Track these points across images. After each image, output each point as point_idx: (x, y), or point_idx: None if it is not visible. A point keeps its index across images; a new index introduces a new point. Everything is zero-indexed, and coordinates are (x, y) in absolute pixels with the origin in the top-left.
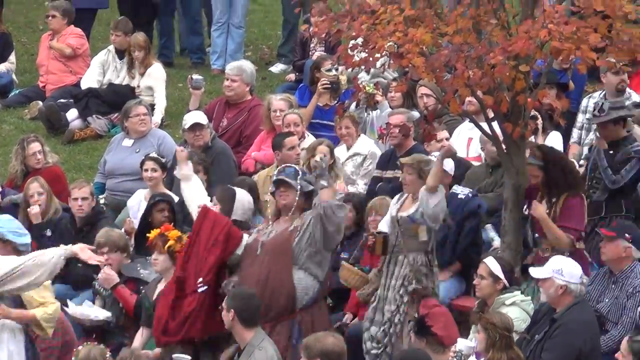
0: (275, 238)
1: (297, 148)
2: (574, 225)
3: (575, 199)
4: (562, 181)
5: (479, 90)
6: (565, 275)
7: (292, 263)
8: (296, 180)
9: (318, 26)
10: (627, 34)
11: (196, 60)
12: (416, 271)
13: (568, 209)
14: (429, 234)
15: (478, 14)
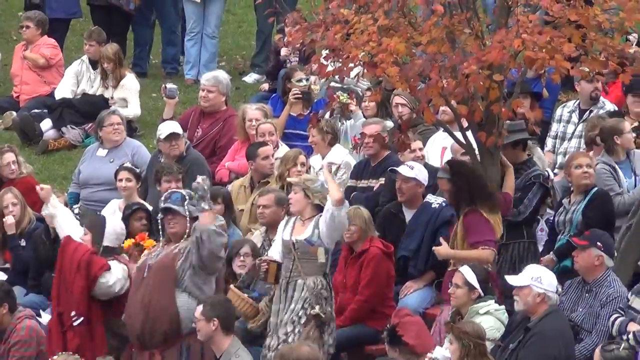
0: (160, 260)
1: (271, 158)
2: (486, 237)
3: (475, 214)
4: (467, 195)
5: (453, 100)
6: (544, 283)
7: (176, 286)
8: (183, 207)
9: (292, 36)
10: (601, 43)
11: (170, 70)
12: (317, 295)
13: (470, 226)
14: (326, 255)
15: (452, 23)
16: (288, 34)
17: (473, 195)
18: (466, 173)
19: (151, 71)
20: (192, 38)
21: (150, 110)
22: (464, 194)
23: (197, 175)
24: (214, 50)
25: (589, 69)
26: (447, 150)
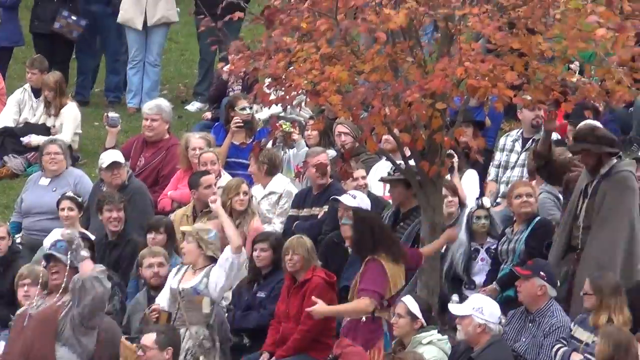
0: (42, 311)
1: (213, 187)
2: (372, 287)
3: (373, 263)
4: (370, 244)
5: (396, 128)
6: (485, 313)
7: (56, 339)
8: (66, 255)
9: (235, 64)
10: (544, 72)
11: (113, 99)
12: (199, 345)
13: (365, 272)
14: (212, 306)
15: (394, 51)
16: (231, 62)
17: (376, 244)
18: (370, 221)
19: (94, 99)
20: (135, 66)
21: (92, 139)
22: (367, 242)
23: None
24: (156, 79)
25: (531, 98)
26: None
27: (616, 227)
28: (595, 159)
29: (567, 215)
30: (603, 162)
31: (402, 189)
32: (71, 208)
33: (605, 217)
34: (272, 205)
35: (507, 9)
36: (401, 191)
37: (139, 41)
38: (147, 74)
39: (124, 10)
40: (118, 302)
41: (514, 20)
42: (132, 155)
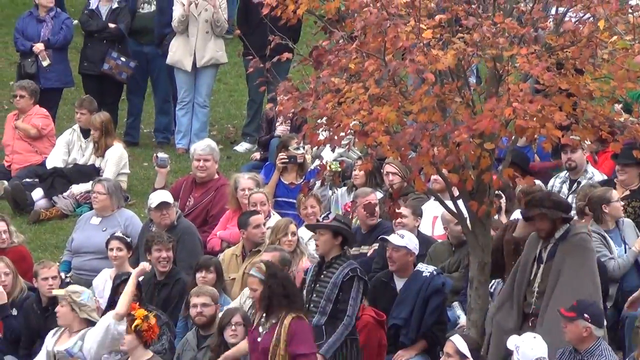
0: None
1: (262, 227)
2: (309, 349)
3: (300, 322)
4: (282, 299)
5: (444, 168)
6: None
7: None
8: None
9: (283, 105)
10: (592, 111)
11: (161, 140)
12: None
13: (297, 334)
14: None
15: (442, 92)
16: (279, 102)
17: (291, 301)
18: (282, 277)
19: (143, 140)
20: (184, 107)
21: (141, 180)
22: (279, 298)
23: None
24: (205, 120)
25: (579, 137)
26: (438, 219)
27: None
28: (550, 225)
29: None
30: (557, 227)
31: (329, 237)
32: (120, 248)
33: (568, 281)
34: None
35: (555, 50)
36: (327, 239)
37: (188, 82)
38: (196, 114)
39: (172, 51)
40: (167, 341)
41: (562, 60)
42: (181, 196)
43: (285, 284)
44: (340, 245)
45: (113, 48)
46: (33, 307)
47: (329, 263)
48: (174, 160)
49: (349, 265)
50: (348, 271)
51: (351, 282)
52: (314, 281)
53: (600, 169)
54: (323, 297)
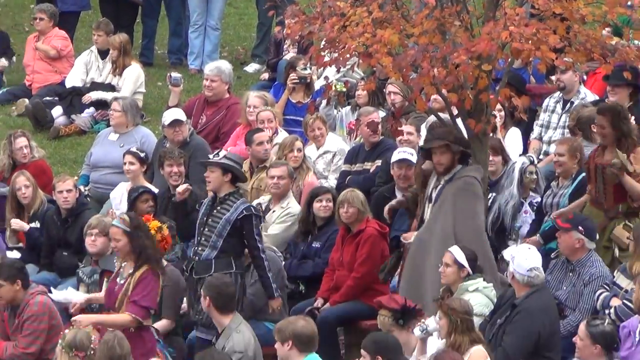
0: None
1: (265, 144)
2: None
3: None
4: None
5: (444, 89)
6: (514, 263)
7: None
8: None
9: (291, 28)
10: (584, 35)
11: (175, 61)
12: None
13: (141, 281)
14: None
15: (443, 16)
16: (287, 26)
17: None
18: (145, 229)
19: (157, 61)
20: (196, 30)
21: (155, 98)
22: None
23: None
24: (216, 42)
25: (572, 60)
26: None
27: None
28: (450, 158)
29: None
30: (455, 164)
31: (219, 174)
32: (132, 162)
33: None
34: (327, 164)
35: None
36: (217, 176)
37: (201, 5)
38: (208, 37)
39: None
40: (180, 249)
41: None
42: (194, 114)
43: (148, 235)
44: (231, 182)
45: None
46: (53, 218)
47: (222, 199)
48: (187, 80)
49: (242, 204)
50: (242, 209)
51: (250, 219)
52: (207, 215)
53: (592, 89)
54: (214, 232)
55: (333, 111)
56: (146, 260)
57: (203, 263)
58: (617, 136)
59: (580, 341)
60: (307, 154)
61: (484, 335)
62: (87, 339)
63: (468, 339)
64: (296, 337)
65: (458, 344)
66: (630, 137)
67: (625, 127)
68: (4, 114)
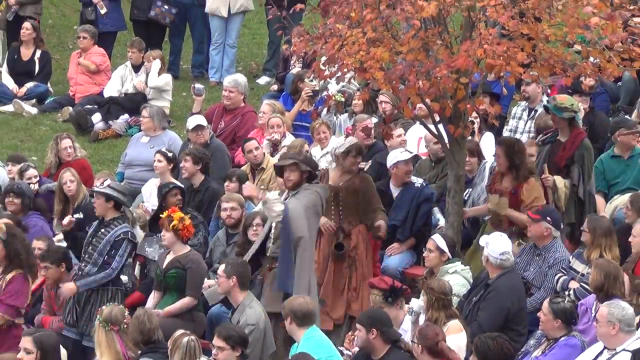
0: None
1: (253, 151)
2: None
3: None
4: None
5: (427, 98)
6: (489, 249)
7: None
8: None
9: (297, 46)
10: (548, 52)
11: (197, 74)
12: None
13: (11, 285)
14: None
15: (426, 36)
16: (294, 44)
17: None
18: (20, 237)
19: (182, 75)
20: (216, 48)
21: (181, 107)
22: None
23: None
24: (233, 58)
25: (537, 73)
26: (422, 140)
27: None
28: (298, 176)
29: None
30: (302, 182)
31: (102, 201)
32: (160, 160)
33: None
34: (329, 162)
35: (518, 1)
36: (101, 203)
37: (221, 27)
38: (226, 53)
39: (210, 1)
40: (202, 236)
41: (524, 10)
42: (214, 120)
43: (23, 243)
44: (116, 208)
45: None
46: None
47: (106, 223)
48: (208, 91)
49: (122, 228)
50: (120, 233)
51: (121, 242)
52: (93, 236)
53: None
54: (96, 250)
55: (333, 118)
56: (18, 265)
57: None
58: (509, 166)
59: (543, 316)
60: (313, 154)
61: (461, 312)
62: (121, 315)
63: (444, 314)
64: (293, 313)
65: (435, 318)
66: (522, 168)
67: (517, 159)
68: (51, 120)
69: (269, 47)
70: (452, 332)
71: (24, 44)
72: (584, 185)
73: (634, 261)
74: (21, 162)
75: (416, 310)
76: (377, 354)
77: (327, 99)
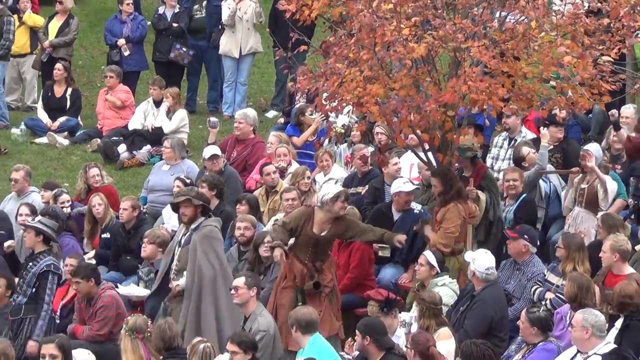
0: None
1: (271, 174)
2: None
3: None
4: None
5: (418, 130)
6: (475, 264)
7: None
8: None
9: (301, 83)
10: (525, 88)
11: (212, 109)
12: None
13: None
14: None
15: (417, 74)
16: (298, 82)
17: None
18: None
19: (198, 109)
20: (229, 85)
21: (197, 138)
22: None
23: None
24: (244, 94)
25: (516, 107)
26: (414, 166)
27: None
28: (193, 211)
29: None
30: (197, 216)
31: (32, 235)
32: (179, 186)
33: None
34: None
35: (499, 43)
36: (31, 237)
37: (233, 67)
38: (238, 90)
39: (223, 44)
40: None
41: (504, 50)
42: (227, 150)
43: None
44: (44, 241)
45: (177, 41)
46: (119, 230)
47: (35, 255)
48: (222, 124)
49: (47, 261)
50: (44, 266)
51: (47, 275)
52: (24, 269)
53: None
54: (26, 282)
55: (334, 147)
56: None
57: (16, 307)
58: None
59: (522, 324)
60: (316, 179)
61: (449, 320)
62: (144, 324)
63: (434, 322)
64: (298, 322)
65: (426, 326)
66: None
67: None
68: (81, 151)
69: (276, 84)
70: (442, 339)
71: (57, 82)
72: (493, 209)
73: (604, 274)
74: (55, 188)
75: (408, 322)
76: (372, 359)
77: (328, 131)
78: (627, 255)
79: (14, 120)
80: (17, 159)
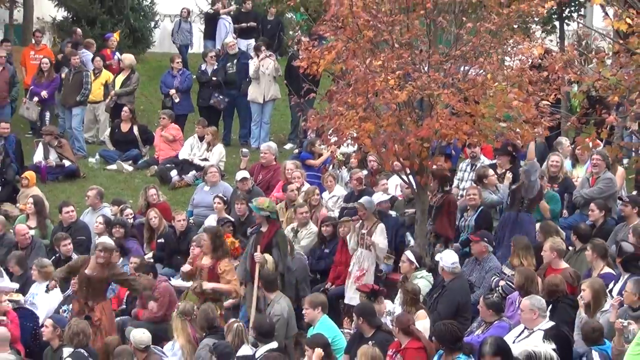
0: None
1: (295, 191)
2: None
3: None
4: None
5: (401, 158)
6: (443, 260)
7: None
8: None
9: (311, 122)
10: (484, 125)
11: (243, 143)
12: None
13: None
14: None
15: (400, 114)
16: (309, 121)
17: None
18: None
19: (232, 143)
20: (255, 124)
21: (232, 165)
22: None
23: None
24: (267, 131)
25: (477, 140)
26: (398, 186)
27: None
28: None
29: None
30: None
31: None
32: (219, 202)
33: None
34: (334, 203)
35: (463, 90)
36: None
37: (259, 110)
38: (263, 128)
39: (250, 93)
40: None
41: (467, 96)
42: (254, 174)
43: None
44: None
45: (215, 91)
46: (171, 236)
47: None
48: (251, 154)
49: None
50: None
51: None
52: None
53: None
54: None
55: (337, 171)
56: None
57: None
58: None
59: (481, 307)
60: (323, 197)
61: (425, 304)
62: (192, 308)
63: (414, 307)
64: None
65: (408, 310)
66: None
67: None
68: (142, 175)
69: (292, 123)
70: (420, 319)
71: (124, 121)
72: (282, 262)
73: (545, 268)
74: (121, 204)
75: (392, 310)
76: (366, 334)
77: (332, 159)
78: (563, 253)
79: (91, 152)
80: (92, 181)
